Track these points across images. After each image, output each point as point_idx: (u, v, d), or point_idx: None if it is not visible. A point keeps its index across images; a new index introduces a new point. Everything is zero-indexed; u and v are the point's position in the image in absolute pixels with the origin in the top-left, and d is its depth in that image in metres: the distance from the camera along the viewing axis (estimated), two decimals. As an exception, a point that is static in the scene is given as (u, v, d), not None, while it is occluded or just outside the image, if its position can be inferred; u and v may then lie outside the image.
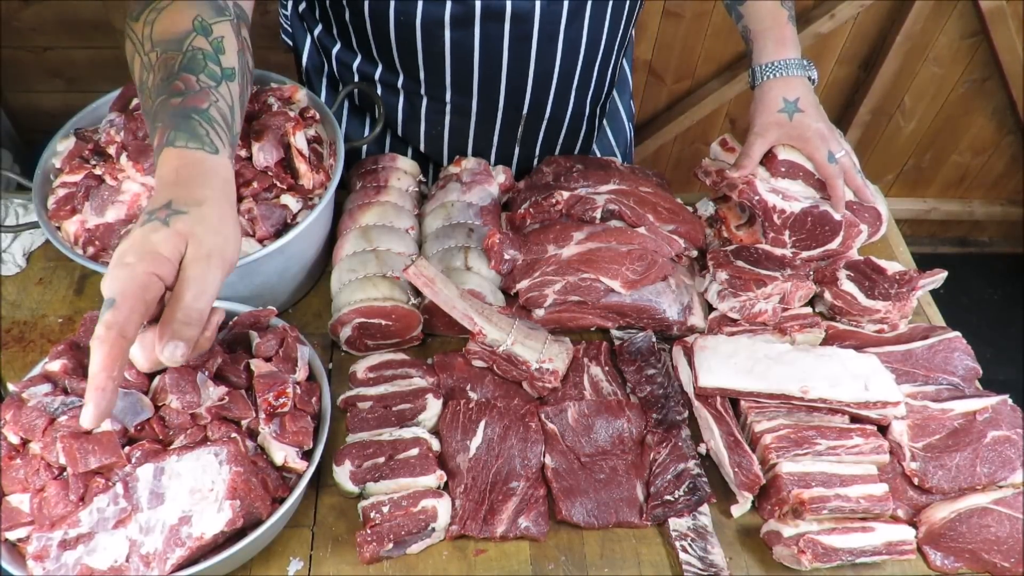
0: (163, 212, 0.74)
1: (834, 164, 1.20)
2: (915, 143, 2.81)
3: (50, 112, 2.48)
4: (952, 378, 1.12)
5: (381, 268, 1.13)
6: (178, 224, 0.73)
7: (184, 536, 0.81)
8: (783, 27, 1.23)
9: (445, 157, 1.41)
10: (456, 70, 1.23)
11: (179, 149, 0.80)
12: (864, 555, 0.94)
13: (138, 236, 0.73)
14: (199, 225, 0.74)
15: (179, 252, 0.73)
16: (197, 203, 0.76)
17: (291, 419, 0.92)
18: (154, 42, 0.88)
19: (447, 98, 1.29)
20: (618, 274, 1.14)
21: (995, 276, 3.06)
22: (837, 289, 1.17)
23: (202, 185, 0.78)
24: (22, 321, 1.19)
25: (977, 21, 2.40)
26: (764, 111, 1.23)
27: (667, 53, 2.47)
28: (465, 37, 1.18)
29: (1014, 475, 1.02)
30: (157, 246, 0.72)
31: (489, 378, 1.12)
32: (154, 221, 0.73)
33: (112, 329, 0.68)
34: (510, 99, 1.28)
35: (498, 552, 0.97)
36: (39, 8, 2.22)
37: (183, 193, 0.76)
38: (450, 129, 1.35)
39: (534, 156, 1.42)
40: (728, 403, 1.06)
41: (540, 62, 1.23)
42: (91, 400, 0.68)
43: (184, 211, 0.74)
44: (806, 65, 1.23)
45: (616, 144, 1.56)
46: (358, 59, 1.30)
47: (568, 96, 1.31)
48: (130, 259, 0.71)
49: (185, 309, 0.71)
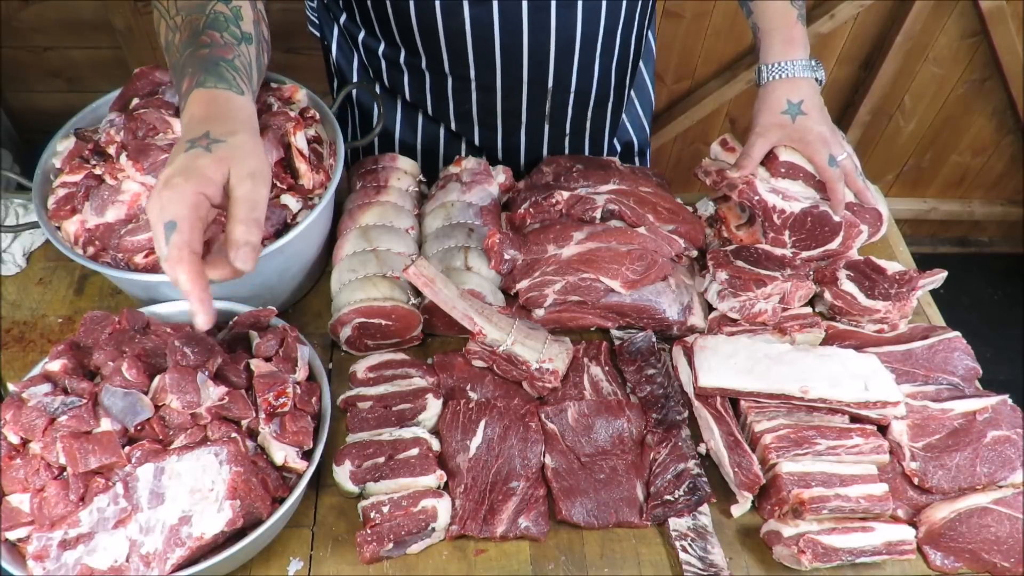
0: (204, 141, 0.82)
1: (835, 168, 1.20)
2: (915, 143, 2.81)
3: (50, 112, 2.48)
4: (952, 378, 1.12)
5: (381, 268, 1.13)
6: (219, 151, 0.81)
7: (184, 536, 0.81)
8: (792, 27, 1.22)
9: (476, 135, 1.41)
10: (478, 47, 1.24)
11: (208, 90, 0.89)
12: (864, 555, 0.94)
13: (184, 161, 0.79)
14: (237, 151, 0.82)
15: (223, 175, 0.80)
16: (232, 133, 0.83)
17: (291, 419, 0.92)
18: (179, 7, 0.98)
19: (471, 75, 1.29)
20: (618, 274, 1.14)
21: (995, 276, 3.06)
22: (837, 289, 1.17)
23: (233, 119, 0.86)
24: (22, 321, 1.19)
25: (977, 21, 2.40)
26: (767, 112, 1.22)
27: (667, 53, 2.47)
28: (484, 12, 1.18)
29: (1014, 475, 1.02)
30: (204, 169, 0.79)
31: (489, 378, 1.12)
32: (197, 148, 0.81)
33: (183, 249, 0.76)
34: (534, 73, 1.28)
35: (498, 552, 0.97)
36: (39, 8, 2.22)
37: (217, 126, 0.84)
38: (477, 106, 1.35)
39: (564, 135, 1.42)
40: (728, 403, 1.06)
41: (561, 31, 1.22)
42: (200, 310, 0.77)
43: (223, 140, 0.82)
44: (814, 66, 1.23)
45: (643, 114, 1.56)
46: (382, 45, 1.31)
47: (592, 66, 1.31)
48: (178, 181, 0.78)
49: (245, 222, 0.78)
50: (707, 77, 2.56)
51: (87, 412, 0.86)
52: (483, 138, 1.41)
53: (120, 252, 1.02)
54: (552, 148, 1.44)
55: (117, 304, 1.21)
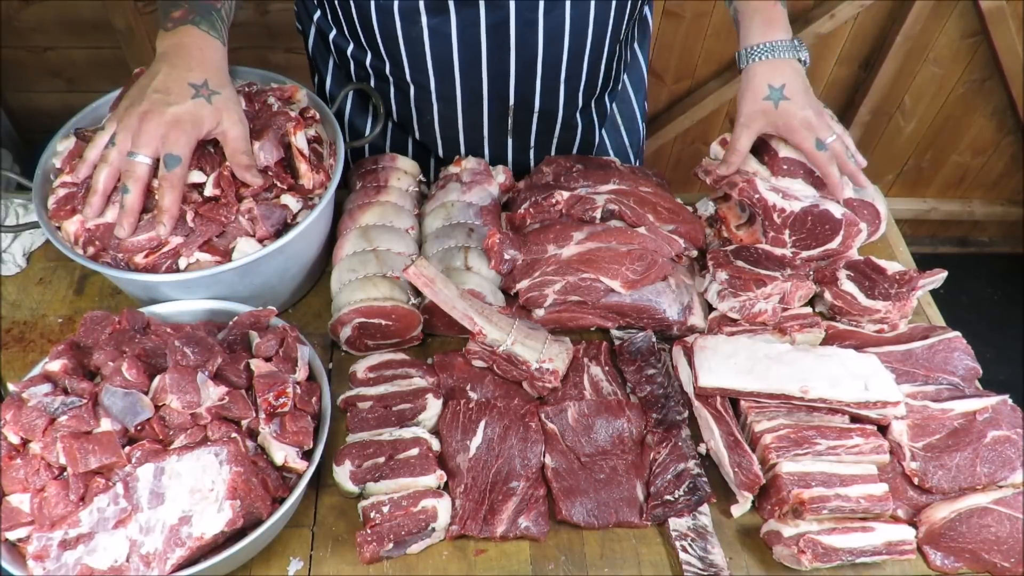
0: (205, 91, 1.01)
1: (824, 151, 1.17)
2: (915, 143, 2.81)
3: (50, 112, 2.48)
4: (952, 378, 1.12)
5: (381, 268, 1.13)
6: (217, 102, 1.01)
7: (184, 536, 0.81)
8: (772, 7, 1.19)
9: (439, 147, 1.40)
10: (436, 57, 1.23)
11: (203, 32, 1.04)
12: (864, 555, 0.94)
13: (192, 107, 0.99)
14: (229, 102, 1.03)
15: (214, 125, 1.01)
16: (223, 86, 1.03)
17: (291, 419, 0.92)
18: None
19: (431, 86, 1.28)
20: (618, 274, 1.14)
21: (995, 276, 3.06)
22: (837, 289, 1.17)
23: (222, 71, 1.05)
24: (22, 321, 1.19)
25: (977, 21, 2.40)
26: (750, 99, 1.19)
27: (667, 53, 2.47)
28: (442, 23, 1.17)
29: (1014, 475, 1.02)
30: (206, 119, 1.00)
31: (489, 378, 1.12)
32: (200, 98, 1.00)
33: (182, 180, 0.99)
34: (494, 89, 1.27)
35: (498, 552, 0.97)
36: (39, 8, 2.22)
37: (212, 76, 1.02)
38: (439, 118, 1.34)
39: (529, 149, 1.41)
40: (728, 403, 1.06)
41: (521, 51, 1.21)
42: (167, 221, 0.99)
43: (218, 92, 1.02)
44: (796, 46, 1.18)
45: (629, 145, 1.54)
46: (351, 46, 1.31)
47: (557, 89, 1.29)
48: (187, 126, 0.98)
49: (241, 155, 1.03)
50: (707, 77, 2.56)
51: (87, 412, 0.86)
52: (446, 149, 1.39)
53: (120, 252, 1.02)
54: (516, 162, 1.41)
55: (117, 304, 1.21)
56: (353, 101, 1.42)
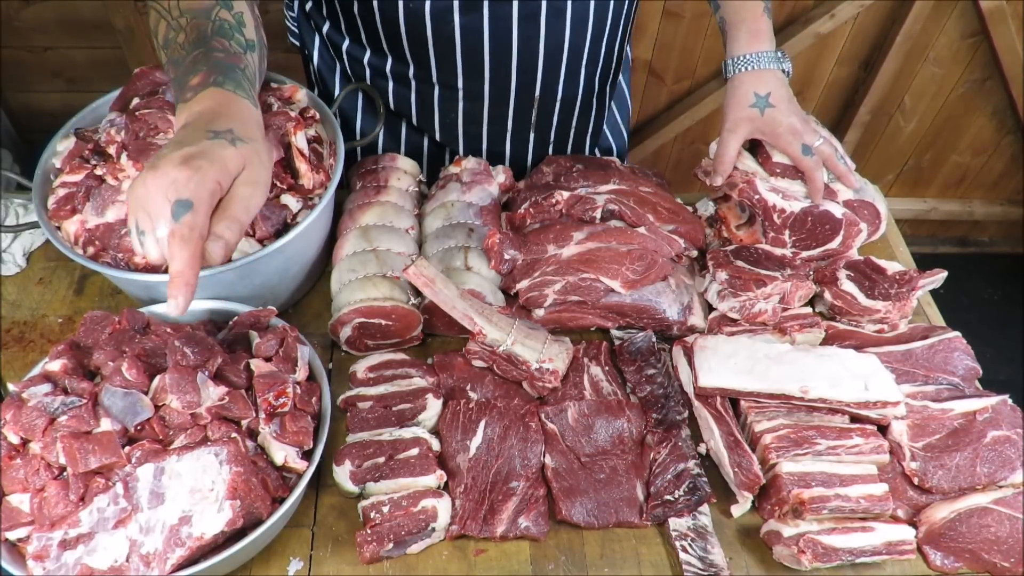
0: (228, 136, 0.82)
1: (810, 156, 1.20)
2: (915, 143, 2.81)
3: (50, 112, 2.48)
4: (952, 378, 1.12)
5: (381, 268, 1.13)
6: (242, 149, 0.81)
7: (184, 536, 0.81)
8: (758, 19, 1.23)
9: (460, 145, 1.41)
10: (467, 55, 1.23)
11: (227, 91, 0.88)
12: (864, 555, 0.94)
13: (209, 147, 0.80)
14: (256, 156, 0.83)
15: (238, 170, 0.81)
16: (252, 139, 0.84)
17: (291, 419, 0.92)
18: (182, 11, 0.97)
19: (459, 84, 1.29)
20: (618, 274, 1.14)
21: (995, 276, 3.06)
22: (837, 289, 1.17)
23: (252, 125, 0.87)
24: (22, 321, 1.19)
25: (977, 21, 2.40)
26: (736, 106, 1.23)
27: (667, 53, 2.47)
28: (474, 20, 1.18)
29: (1014, 475, 1.02)
30: (227, 160, 0.79)
31: (489, 378, 1.12)
32: (222, 139, 0.81)
33: (194, 231, 0.76)
34: (522, 80, 1.28)
35: (498, 552, 0.97)
36: (39, 8, 2.22)
37: (240, 127, 0.84)
38: (464, 116, 1.35)
39: (549, 141, 1.42)
40: (728, 403, 1.06)
41: (549, 39, 1.23)
42: (180, 294, 0.75)
43: (246, 141, 0.83)
44: (780, 57, 1.23)
45: (621, 122, 1.57)
46: (367, 53, 1.31)
47: (579, 74, 1.31)
48: (203, 164, 0.77)
49: (233, 218, 0.79)
50: (707, 77, 2.56)
51: (87, 412, 0.86)
52: (468, 148, 1.40)
53: (120, 252, 1.02)
54: (536, 157, 1.44)
55: (117, 304, 1.21)
56: (363, 103, 1.42)
